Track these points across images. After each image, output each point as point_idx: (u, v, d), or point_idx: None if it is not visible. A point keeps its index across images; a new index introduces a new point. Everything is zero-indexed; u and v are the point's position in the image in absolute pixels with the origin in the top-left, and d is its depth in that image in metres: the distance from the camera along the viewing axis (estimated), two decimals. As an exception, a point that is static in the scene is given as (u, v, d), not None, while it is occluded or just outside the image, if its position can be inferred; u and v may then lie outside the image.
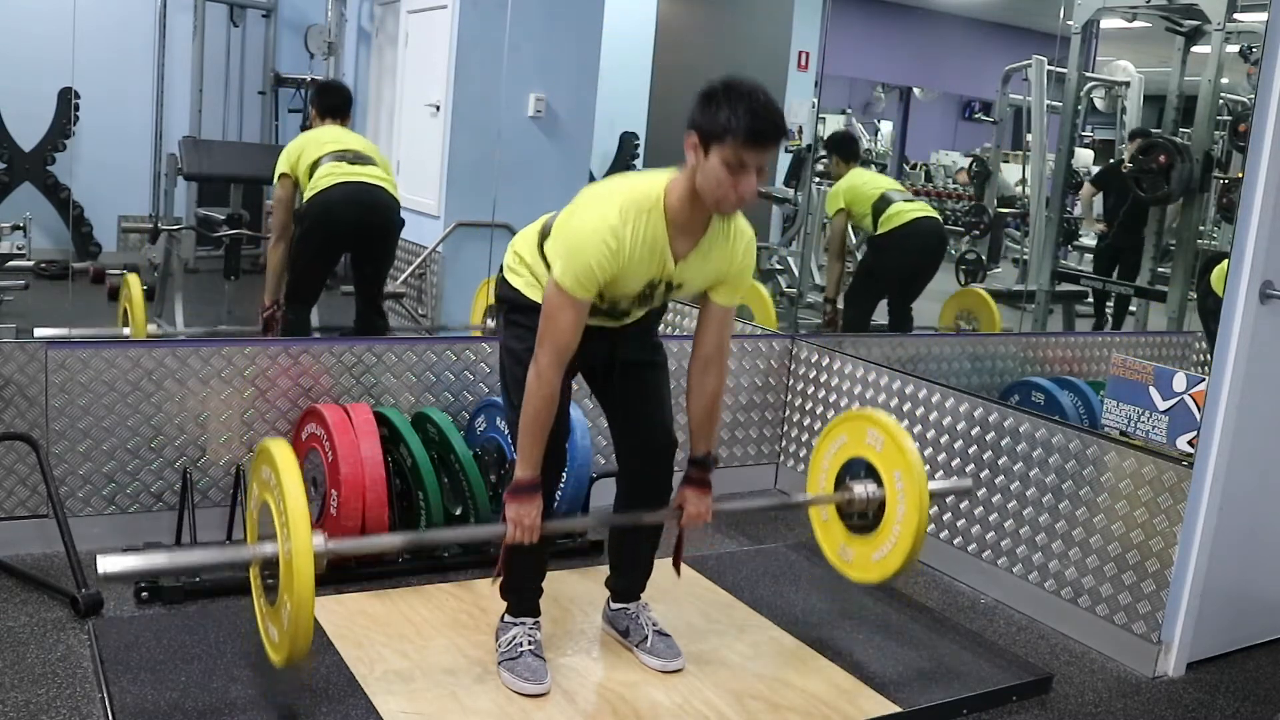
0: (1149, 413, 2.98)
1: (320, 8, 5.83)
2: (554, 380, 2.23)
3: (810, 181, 5.24)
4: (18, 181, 5.23)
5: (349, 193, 3.76)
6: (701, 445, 2.47)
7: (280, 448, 2.13)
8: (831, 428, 2.82)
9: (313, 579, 2.01)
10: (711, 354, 2.41)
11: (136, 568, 2.07)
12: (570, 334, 2.22)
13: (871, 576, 2.74)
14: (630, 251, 2.18)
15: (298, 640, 2.05)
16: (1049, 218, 5.35)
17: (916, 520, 2.56)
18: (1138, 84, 5.45)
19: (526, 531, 2.29)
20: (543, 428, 2.27)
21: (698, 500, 2.46)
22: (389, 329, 4.13)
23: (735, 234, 2.32)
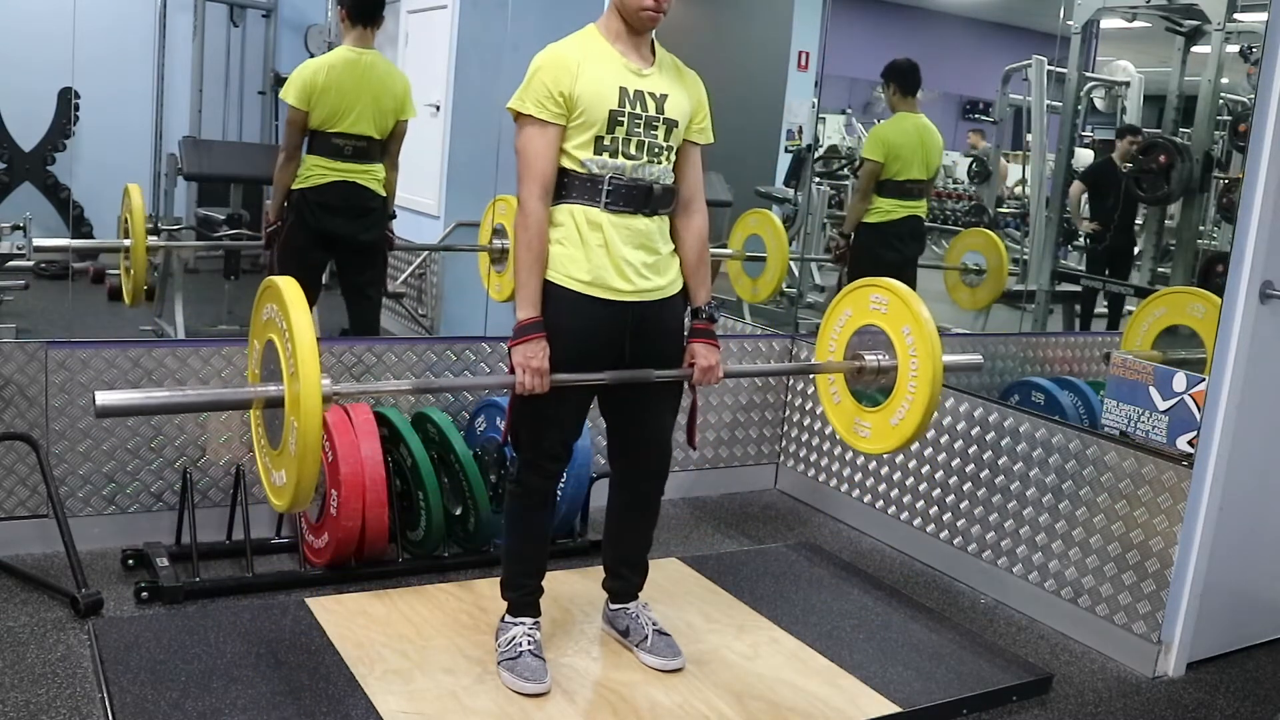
0: (1149, 413, 2.98)
1: (320, 8, 5.83)
2: (540, 211, 2.27)
3: (810, 181, 5.23)
4: (18, 181, 5.23)
5: (337, 197, 3.72)
6: (700, 293, 2.47)
7: (288, 284, 2.06)
8: (836, 303, 2.75)
9: (321, 416, 1.97)
10: (691, 194, 2.46)
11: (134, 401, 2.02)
12: (545, 160, 2.27)
13: (890, 443, 2.64)
14: (581, 57, 2.27)
15: (303, 481, 2.00)
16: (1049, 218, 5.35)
17: (931, 372, 2.49)
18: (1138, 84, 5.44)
19: (535, 374, 2.24)
20: (538, 260, 2.28)
21: (707, 353, 2.44)
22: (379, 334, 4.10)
23: (681, 66, 2.45)
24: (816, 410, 3.94)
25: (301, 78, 3.69)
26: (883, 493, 3.71)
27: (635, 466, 2.55)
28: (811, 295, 5.59)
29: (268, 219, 3.90)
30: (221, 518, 3.12)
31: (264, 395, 2.08)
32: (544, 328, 2.27)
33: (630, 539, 2.63)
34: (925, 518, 3.53)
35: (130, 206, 3.67)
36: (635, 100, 2.30)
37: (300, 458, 1.97)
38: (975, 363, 2.99)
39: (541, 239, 2.27)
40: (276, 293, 2.07)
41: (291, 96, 3.72)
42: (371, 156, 3.82)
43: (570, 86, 2.25)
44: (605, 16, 2.36)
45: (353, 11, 3.80)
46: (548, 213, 2.29)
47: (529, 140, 2.27)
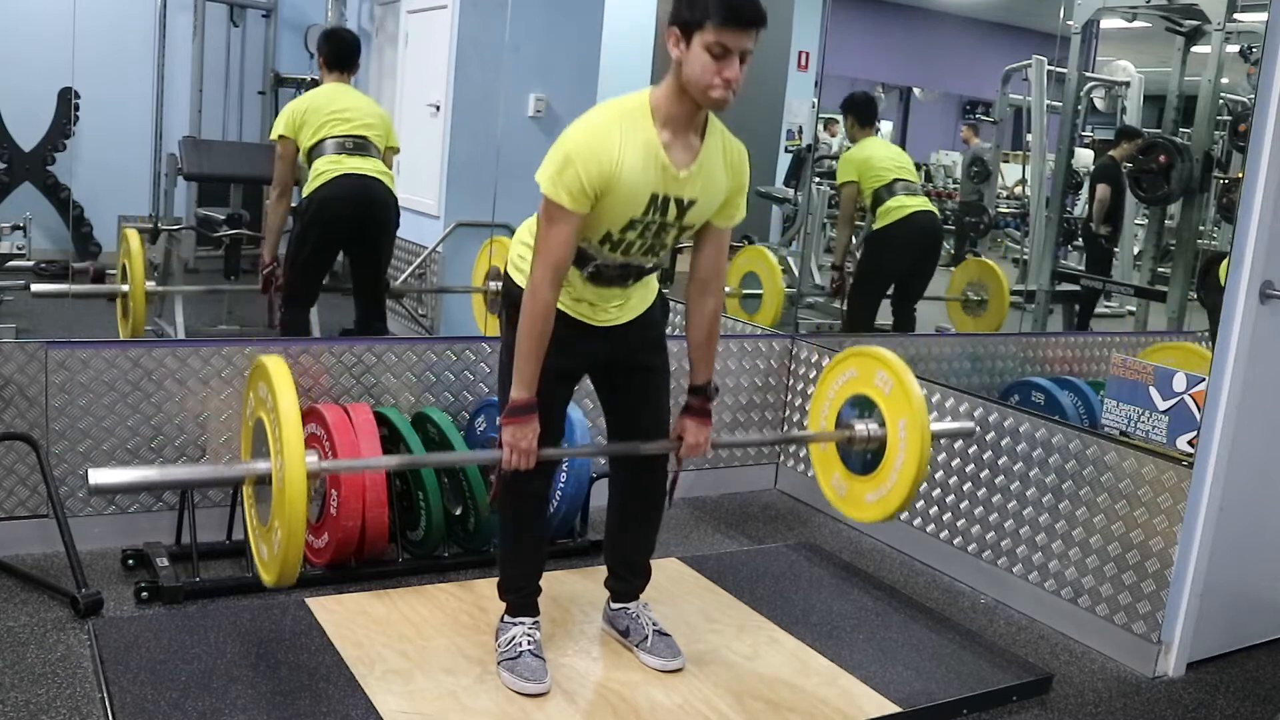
0: (1149, 413, 2.98)
1: (320, 8, 5.83)
2: (549, 297, 2.21)
3: (810, 181, 5.23)
4: (18, 181, 5.23)
5: (346, 188, 3.75)
6: (701, 372, 2.45)
7: (276, 364, 2.10)
8: (840, 360, 2.79)
9: (305, 501, 2.00)
10: (710, 276, 2.40)
11: (128, 480, 2.04)
12: (564, 249, 2.19)
13: (861, 515, 2.72)
14: (621, 153, 2.14)
15: (288, 562, 2.04)
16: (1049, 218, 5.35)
17: (916, 469, 2.54)
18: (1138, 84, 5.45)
19: (523, 455, 2.25)
20: (539, 344, 2.23)
21: (697, 430, 2.44)
22: (387, 332, 4.12)
23: (732, 147, 2.31)
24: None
25: (286, 110, 3.84)
26: (883, 493, 3.71)
27: (638, 460, 2.53)
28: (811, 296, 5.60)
29: (263, 261, 3.92)
30: (221, 518, 3.12)
31: (253, 472, 2.14)
32: (537, 409, 2.26)
33: (631, 540, 2.63)
34: (925, 518, 3.53)
35: (129, 253, 3.69)
36: (660, 208, 2.23)
37: (285, 536, 2.02)
38: (968, 430, 3.07)
39: (546, 323, 2.22)
40: (265, 373, 2.13)
41: (278, 128, 3.84)
42: (372, 154, 3.85)
43: (605, 185, 2.15)
44: (664, 95, 2.19)
45: (329, 60, 3.94)
46: (557, 297, 2.23)
47: (553, 226, 2.17)
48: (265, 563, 2.18)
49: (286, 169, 3.84)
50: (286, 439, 2.01)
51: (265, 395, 2.13)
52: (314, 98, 3.87)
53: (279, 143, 3.83)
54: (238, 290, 4.67)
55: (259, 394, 2.18)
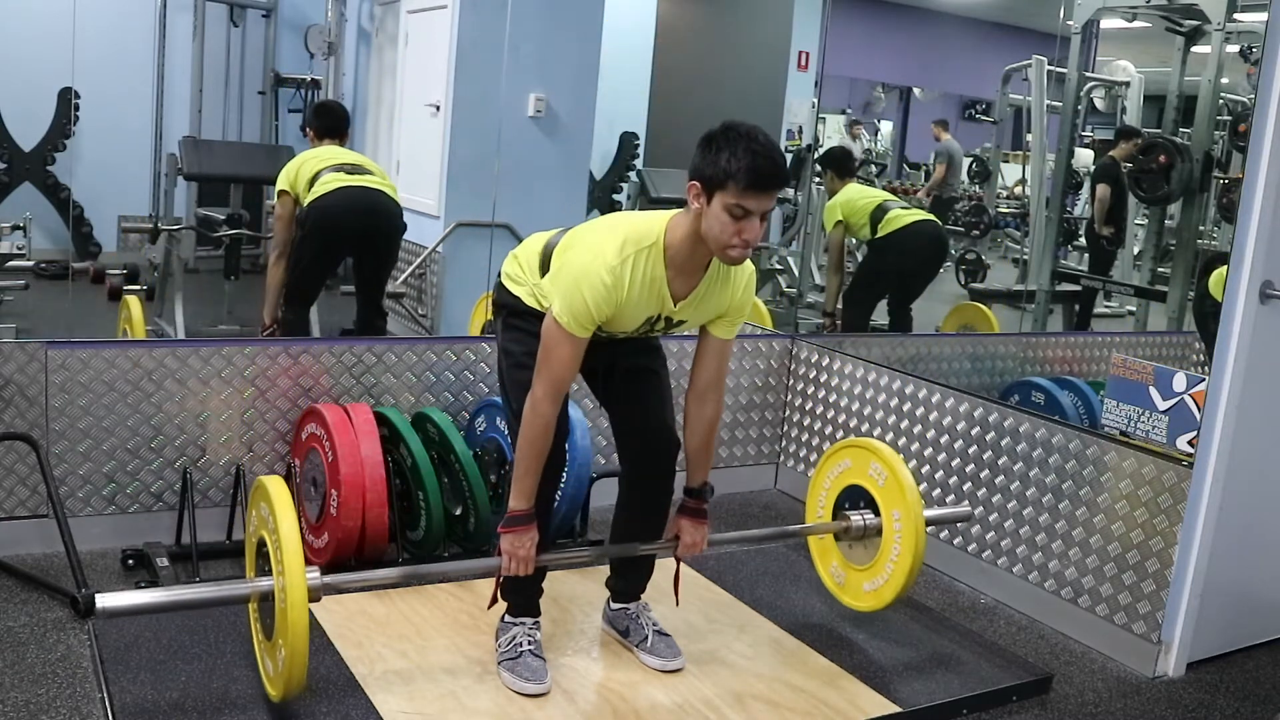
0: (1149, 413, 2.98)
1: (320, 8, 5.83)
2: (550, 413, 2.25)
3: (810, 181, 5.24)
4: (18, 181, 5.23)
5: (350, 197, 3.77)
6: (698, 475, 2.50)
7: (276, 486, 2.15)
8: (834, 452, 2.89)
9: (307, 622, 2.04)
10: (709, 384, 2.43)
11: (135, 604, 2.08)
12: (567, 369, 2.25)
13: (860, 604, 2.83)
14: (628, 292, 2.20)
15: (292, 681, 2.08)
16: (1049, 218, 5.35)
17: (911, 561, 2.65)
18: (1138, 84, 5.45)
19: (521, 563, 2.32)
20: (538, 458, 2.28)
21: (693, 530, 2.50)
22: (386, 331, 4.13)
23: (736, 270, 2.32)
24: (817, 410, 3.94)
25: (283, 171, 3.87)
26: (883, 493, 3.71)
27: (646, 447, 2.53)
28: (811, 295, 5.60)
29: (263, 324, 3.94)
30: (221, 518, 3.12)
31: (257, 591, 2.18)
32: (535, 519, 2.32)
33: (638, 538, 2.62)
34: (925, 518, 3.53)
35: (130, 320, 3.70)
36: (652, 323, 2.32)
37: (289, 656, 2.05)
38: (964, 514, 3.11)
39: (545, 439, 2.27)
40: (266, 494, 2.16)
41: (279, 185, 3.87)
42: (373, 173, 3.87)
43: (608, 314, 2.21)
44: (680, 238, 2.21)
45: (321, 131, 4.00)
46: (556, 415, 2.27)
47: (558, 346, 2.22)
48: (271, 678, 2.21)
49: (285, 229, 3.87)
50: (289, 564, 2.05)
51: (267, 515, 2.17)
52: (309, 153, 3.94)
53: (278, 200, 3.87)
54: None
55: (260, 513, 2.22)
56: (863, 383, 3.74)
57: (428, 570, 2.62)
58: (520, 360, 2.35)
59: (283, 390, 3.19)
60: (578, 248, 2.24)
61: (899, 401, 3.59)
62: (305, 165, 3.84)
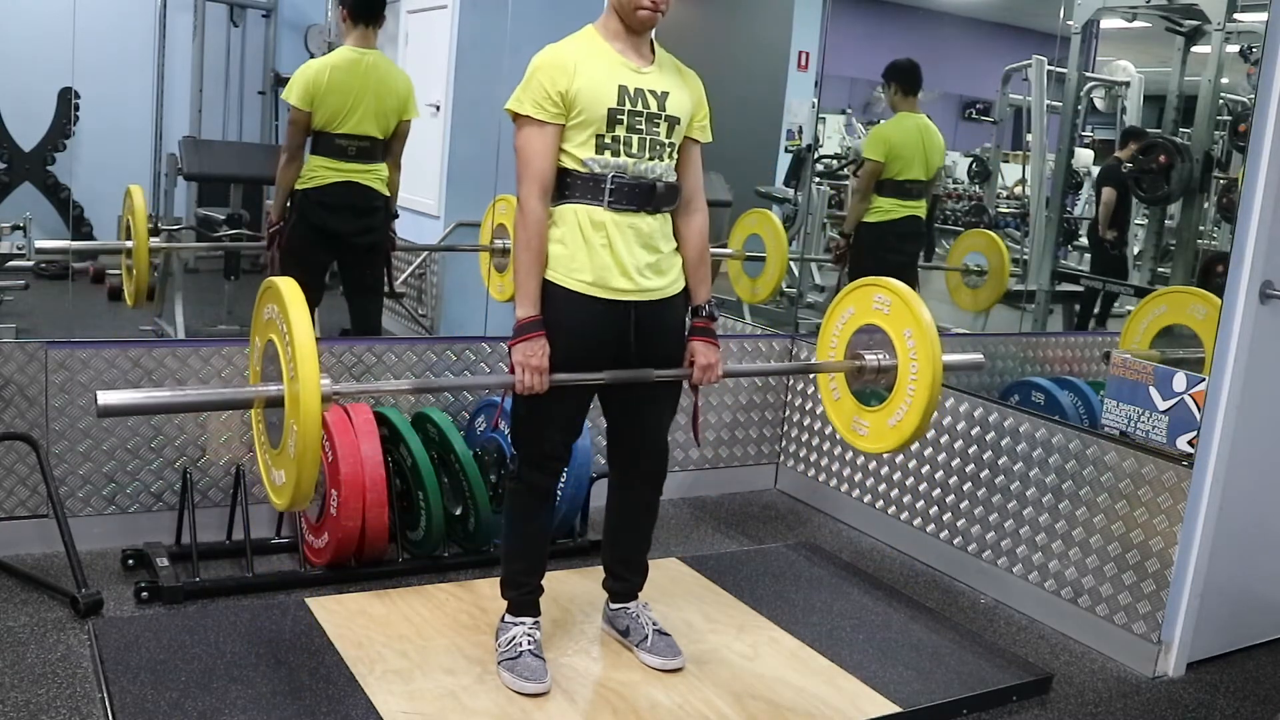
0: (1149, 413, 2.98)
1: (320, 8, 5.83)
2: (540, 210, 2.27)
3: (810, 181, 5.23)
4: (18, 181, 5.23)
5: (334, 196, 3.73)
6: (700, 291, 2.47)
7: (288, 285, 2.08)
8: (837, 301, 2.76)
9: (320, 417, 1.99)
10: (691, 192, 2.45)
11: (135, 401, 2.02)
12: (544, 160, 2.27)
13: (888, 444, 2.65)
14: (578, 57, 2.27)
15: (303, 482, 2.02)
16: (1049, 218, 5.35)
17: (930, 377, 2.50)
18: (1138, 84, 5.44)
19: (534, 373, 2.25)
20: (536, 259, 2.27)
21: (707, 351, 2.44)
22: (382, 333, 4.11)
23: (682, 66, 2.44)
24: (817, 410, 3.94)
25: (304, 78, 3.69)
26: (883, 493, 3.71)
27: (634, 467, 2.55)
28: (811, 295, 5.59)
29: (270, 219, 3.90)
30: (221, 518, 3.12)
31: (264, 395, 2.10)
32: (544, 325, 2.27)
33: (629, 539, 2.63)
34: (925, 518, 3.53)
35: (132, 208, 3.67)
36: (635, 98, 2.30)
37: (300, 456, 1.99)
38: (976, 362, 2.97)
39: (541, 238, 2.27)
40: (276, 293, 2.08)
41: (294, 97, 3.71)
42: (374, 156, 3.83)
43: (568, 85, 2.25)
44: (604, 17, 2.36)
45: (354, 11, 3.78)
46: (547, 212, 2.29)
47: (527, 140, 2.27)
48: (277, 487, 2.15)
49: (298, 135, 3.73)
50: (300, 356, 1.98)
51: (275, 315, 2.09)
52: (333, 73, 3.69)
53: (291, 109, 3.73)
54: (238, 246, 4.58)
55: (267, 315, 2.15)
56: (863, 383, 3.73)
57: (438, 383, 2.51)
58: None
59: (283, 390, 3.19)
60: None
61: (899, 401, 3.58)
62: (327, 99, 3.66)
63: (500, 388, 2.38)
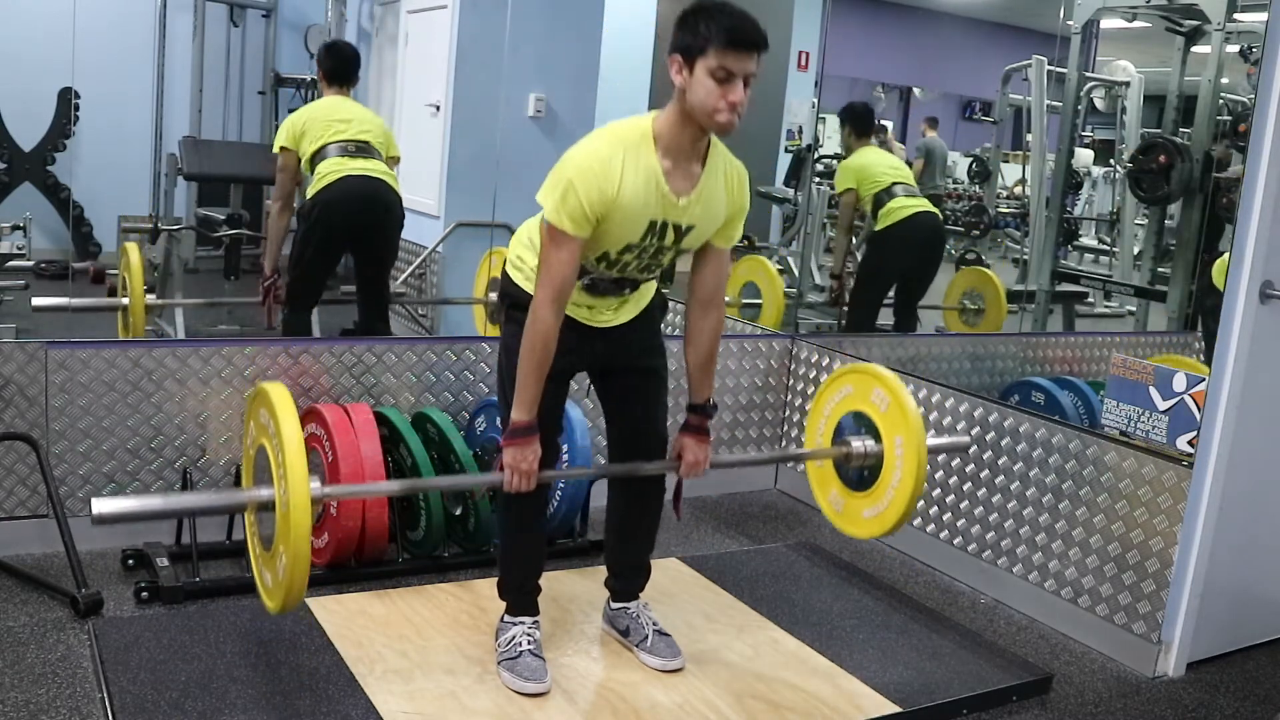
0: (1149, 413, 2.98)
1: (320, 8, 5.83)
2: (551, 319, 2.21)
3: (810, 181, 5.23)
4: (18, 181, 5.23)
5: (350, 189, 3.76)
6: (701, 391, 2.46)
7: (278, 391, 2.11)
8: (836, 377, 2.80)
9: (309, 527, 2.00)
10: (711, 295, 2.40)
11: (130, 509, 2.04)
12: (566, 272, 2.19)
13: (859, 531, 2.73)
14: (621, 180, 2.16)
15: (292, 589, 2.04)
16: (1049, 218, 5.35)
17: (912, 486, 2.56)
18: (1138, 84, 5.44)
19: (524, 477, 2.26)
20: (540, 366, 2.23)
21: (696, 448, 2.45)
22: (389, 333, 4.12)
23: (733, 173, 2.32)
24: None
25: (287, 122, 3.86)
26: (883, 493, 3.71)
27: (634, 457, 2.54)
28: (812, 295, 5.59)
29: (264, 274, 3.93)
30: (221, 518, 3.11)
31: (256, 499, 2.14)
32: (537, 430, 2.27)
33: (631, 539, 2.63)
34: (925, 517, 3.53)
35: (129, 265, 3.69)
36: (659, 233, 2.24)
37: (290, 563, 2.02)
38: (962, 444, 3.12)
39: (547, 346, 2.23)
40: (267, 399, 2.12)
41: (279, 141, 3.87)
42: (376, 157, 3.85)
43: (605, 211, 2.16)
44: (667, 122, 2.20)
45: (329, 74, 3.97)
46: (559, 319, 2.23)
47: (555, 251, 2.18)
48: (269, 589, 2.19)
49: (288, 180, 3.87)
50: (290, 464, 2.01)
51: (267, 421, 2.13)
52: (314, 109, 3.90)
53: (280, 154, 3.85)
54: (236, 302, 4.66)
55: (260, 420, 2.19)
56: (863, 383, 3.73)
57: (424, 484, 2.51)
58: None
59: (283, 390, 3.18)
60: (568, 153, 2.21)
61: (899, 401, 3.58)
62: (310, 129, 3.79)
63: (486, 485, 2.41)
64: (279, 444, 2.05)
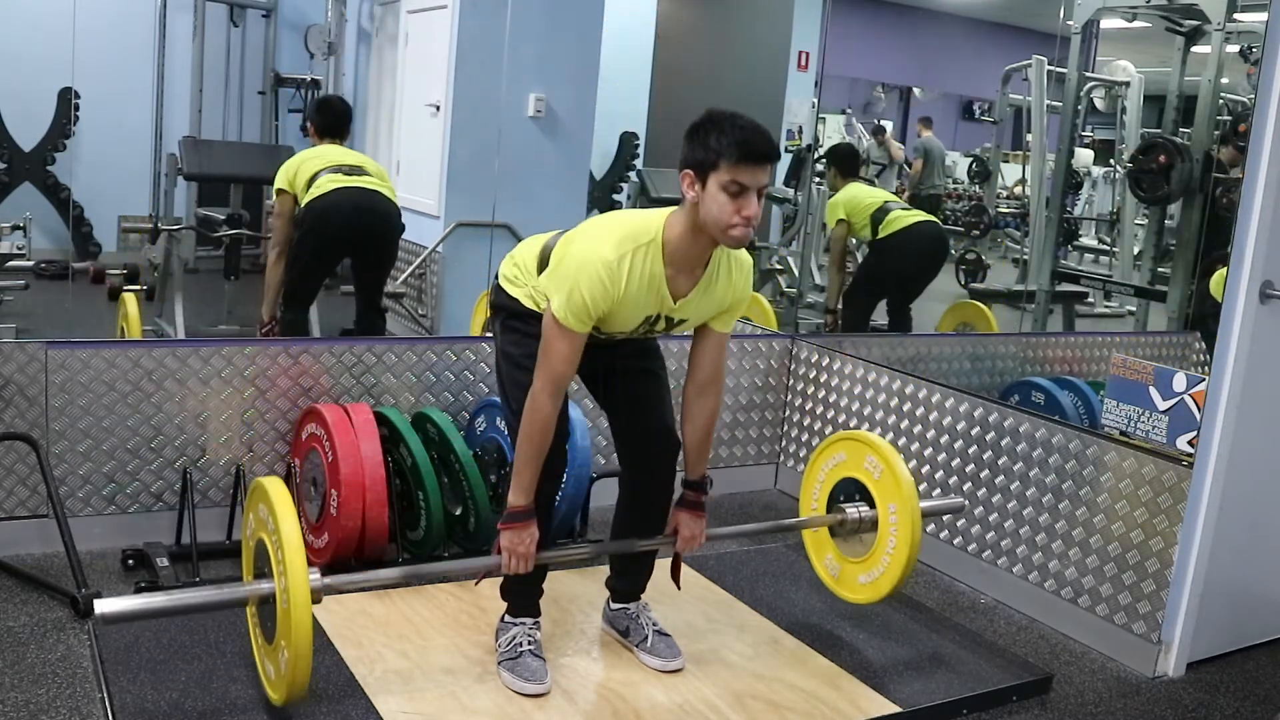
0: (1149, 413, 2.98)
1: (320, 8, 5.84)
2: (549, 409, 2.24)
3: (810, 181, 5.24)
4: (18, 181, 5.23)
5: (348, 197, 3.77)
6: (697, 469, 2.49)
7: (275, 487, 2.15)
8: (829, 444, 2.87)
9: (311, 624, 2.03)
10: (709, 378, 2.43)
11: (134, 609, 2.06)
12: (566, 365, 2.24)
13: (856, 597, 2.81)
14: (626, 287, 2.19)
15: (296, 683, 2.07)
16: (1049, 218, 5.35)
17: (907, 553, 2.63)
18: (1138, 84, 5.45)
19: (521, 560, 2.31)
20: (538, 453, 2.27)
21: (692, 524, 2.49)
22: (385, 330, 4.13)
23: (735, 266, 2.33)
24: (817, 410, 3.94)
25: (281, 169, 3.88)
26: (883, 493, 3.71)
27: (647, 450, 2.53)
28: (811, 295, 5.60)
29: (261, 320, 3.93)
30: (221, 518, 3.12)
31: (257, 594, 2.15)
32: (534, 515, 2.30)
33: (639, 532, 2.62)
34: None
35: (127, 316, 3.70)
36: (652, 323, 2.31)
37: (292, 659, 2.04)
38: (956, 506, 3.16)
39: (545, 434, 2.26)
40: (265, 495, 2.14)
41: (277, 184, 3.88)
42: (370, 174, 3.88)
43: (606, 309, 2.20)
44: (679, 234, 2.21)
45: (321, 129, 4.01)
46: (557, 409, 2.26)
47: (556, 340, 2.21)
48: (272, 681, 2.20)
49: (285, 225, 3.88)
50: (290, 562, 2.04)
51: (265, 517, 2.15)
52: (308, 152, 3.94)
53: (277, 199, 3.89)
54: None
55: (259, 515, 2.21)
56: (862, 383, 3.74)
57: (428, 570, 2.59)
58: (519, 362, 2.35)
59: (283, 390, 3.19)
60: (576, 244, 2.24)
61: (899, 401, 3.59)
62: (304, 165, 3.84)
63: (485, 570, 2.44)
64: (278, 541, 2.08)
